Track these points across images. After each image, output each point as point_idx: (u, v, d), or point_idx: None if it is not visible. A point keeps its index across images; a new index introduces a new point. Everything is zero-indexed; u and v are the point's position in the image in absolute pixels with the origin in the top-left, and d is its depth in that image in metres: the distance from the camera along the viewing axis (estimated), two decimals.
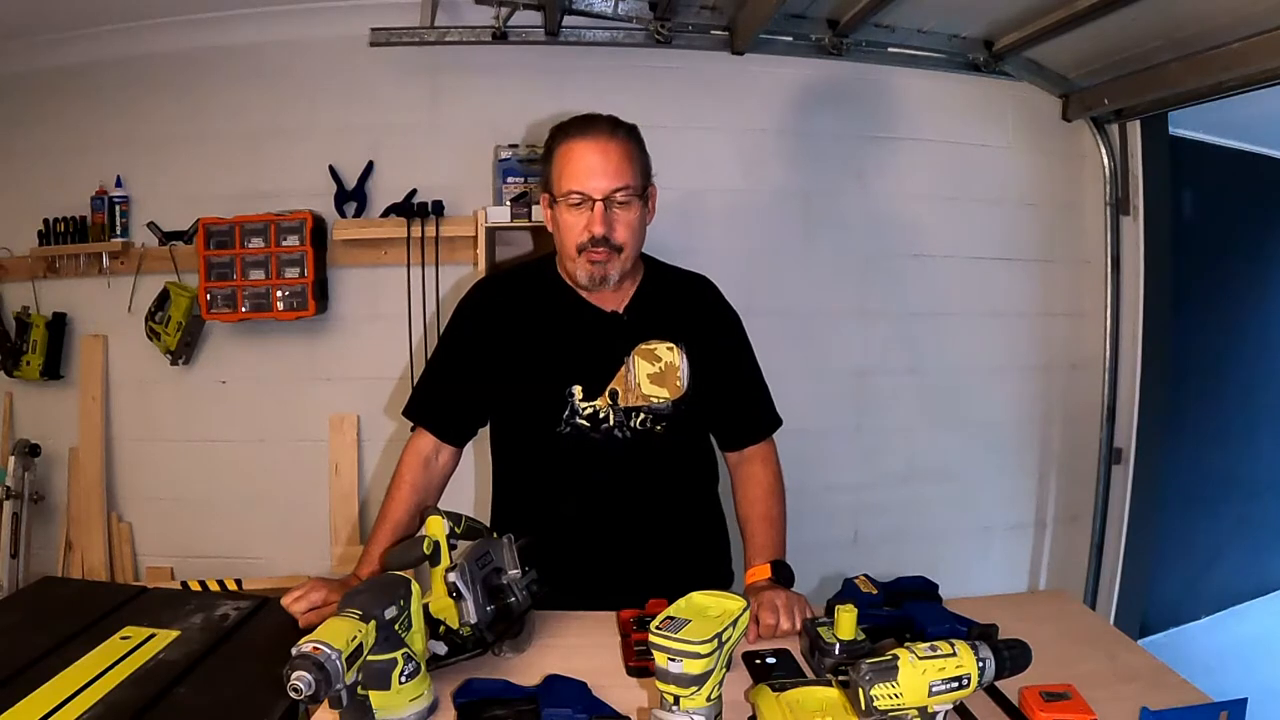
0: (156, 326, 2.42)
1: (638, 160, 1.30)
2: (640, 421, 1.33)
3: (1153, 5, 1.87)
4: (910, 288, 2.57)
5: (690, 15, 2.29)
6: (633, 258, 1.33)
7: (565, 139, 1.29)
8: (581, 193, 1.26)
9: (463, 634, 1.05)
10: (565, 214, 1.29)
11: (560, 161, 1.29)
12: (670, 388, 1.35)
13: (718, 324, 1.44)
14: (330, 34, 2.36)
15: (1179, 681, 1.00)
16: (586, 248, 1.27)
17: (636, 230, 1.30)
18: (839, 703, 0.87)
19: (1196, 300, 2.89)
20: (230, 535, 2.50)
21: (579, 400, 1.32)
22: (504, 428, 1.44)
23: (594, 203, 1.25)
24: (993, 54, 2.40)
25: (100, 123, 2.47)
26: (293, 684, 0.76)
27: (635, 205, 1.29)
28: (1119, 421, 2.61)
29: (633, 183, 1.28)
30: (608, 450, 1.33)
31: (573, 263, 1.31)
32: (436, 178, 2.38)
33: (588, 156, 1.26)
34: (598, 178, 1.25)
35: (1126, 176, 2.56)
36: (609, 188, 1.25)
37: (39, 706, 1.08)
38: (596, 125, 1.28)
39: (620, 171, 1.26)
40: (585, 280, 1.31)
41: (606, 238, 1.26)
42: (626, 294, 1.38)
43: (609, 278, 1.30)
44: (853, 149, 2.52)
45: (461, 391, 1.40)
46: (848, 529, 2.60)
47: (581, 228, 1.27)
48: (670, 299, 1.41)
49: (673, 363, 1.35)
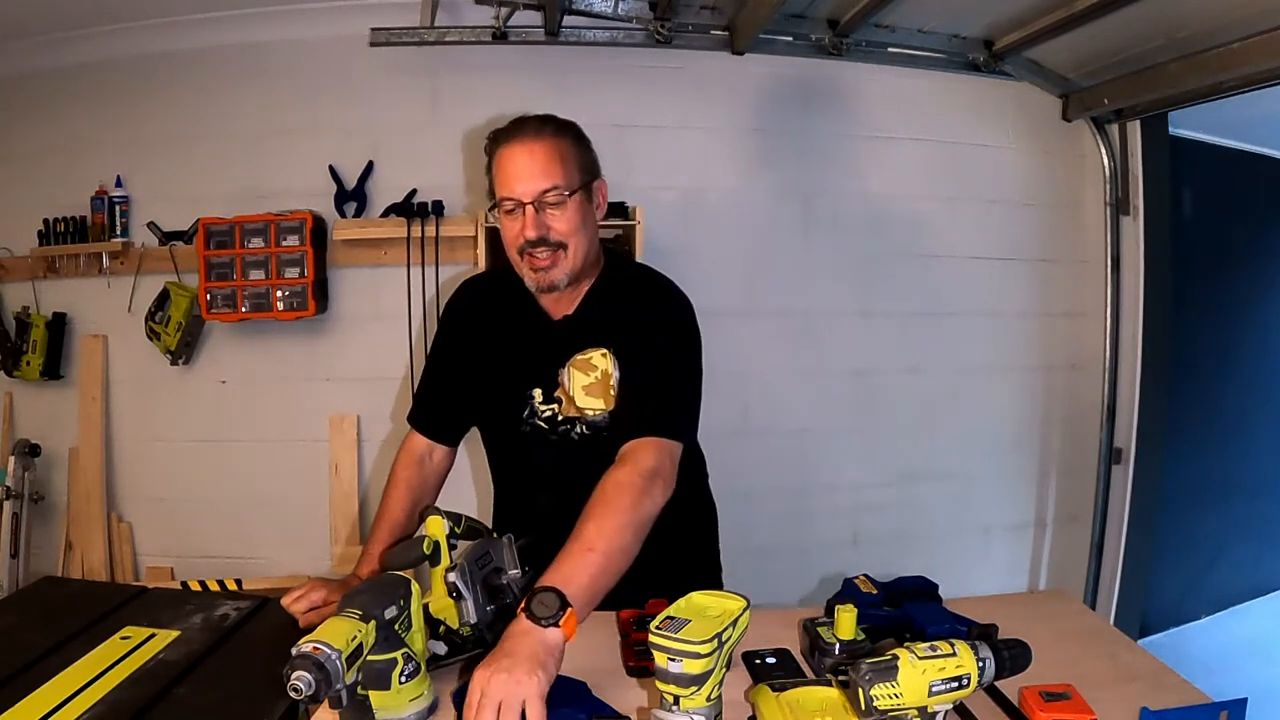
0: (156, 326, 2.42)
1: (571, 157, 1.26)
2: (579, 433, 1.31)
3: (1153, 5, 1.87)
4: (910, 288, 2.57)
5: (690, 15, 2.29)
6: (582, 255, 1.28)
7: (496, 146, 1.27)
8: (512, 198, 1.24)
9: (463, 634, 1.05)
10: (504, 220, 1.27)
11: (495, 169, 1.27)
12: (605, 398, 1.28)
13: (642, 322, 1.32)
14: (330, 34, 2.36)
15: (1179, 681, 1.00)
16: (526, 251, 1.25)
17: (578, 227, 1.26)
18: (839, 703, 0.87)
19: (1196, 300, 2.89)
20: (230, 535, 2.50)
21: (538, 402, 1.33)
22: (482, 426, 1.45)
23: (524, 206, 1.23)
24: (993, 54, 2.40)
25: (100, 123, 2.47)
26: (293, 684, 0.76)
27: (571, 203, 1.25)
28: (1119, 421, 2.61)
29: (562, 181, 1.24)
30: (566, 450, 1.32)
31: (519, 269, 1.29)
32: (436, 178, 2.38)
33: (515, 160, 1.24)
34: (525, 180, 1.23)
35: (1126, 176, 2.56)
36: (537, 189, 1.23)
37: (39, 706, 1.08)
38: (523, 128, 1.26)
39: (548, 172, 1.23)
40: (532, 286, 1.28)
41: (544, 238, 1.23)
42: (574, 301, 1.34)
43: (556, 282, 1.26)
44: (853, 149, 2.52)
45: (446, 390, 1.42)
46: (848, 529, 2.60)
47: (516, 233, 1.25)
48: (613, 300, 1.34)
49: (607, 370, 1.28)
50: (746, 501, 2.51)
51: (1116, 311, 2.59)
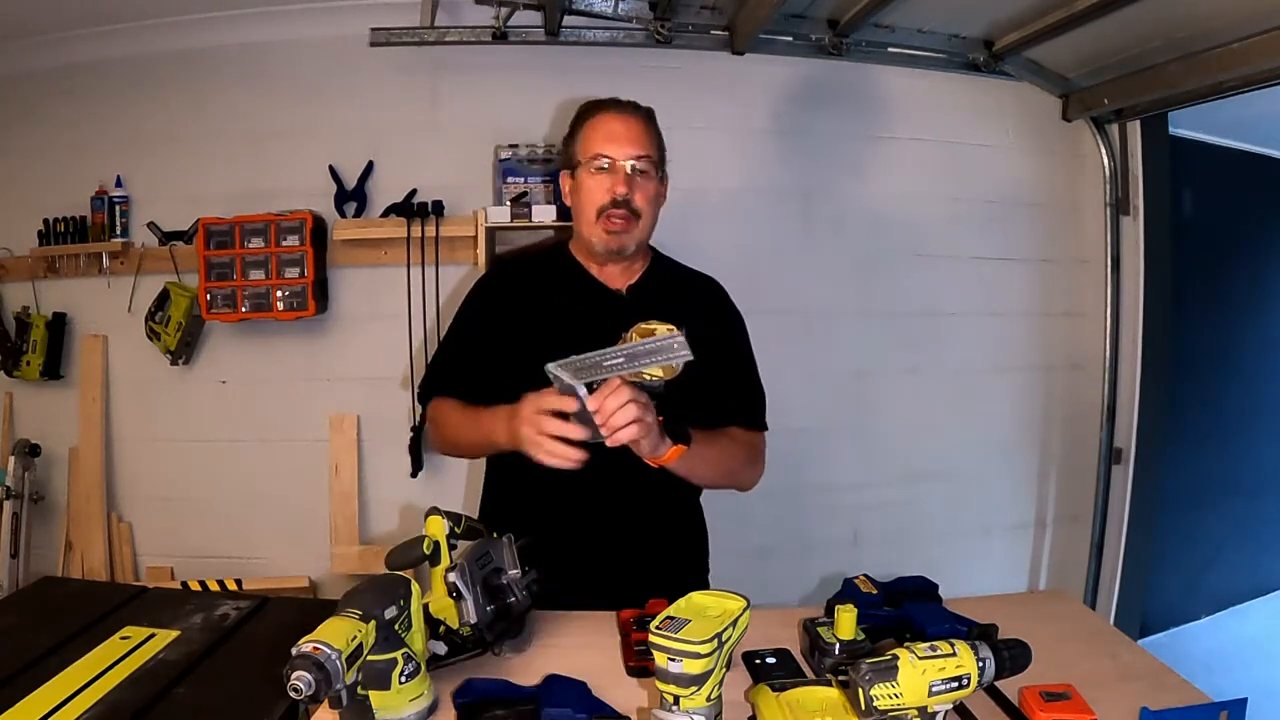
0: (156, 326, 2.42)
1: (657, 140, 1.39)
2: None
3: (1153, 5, 1.87)
4: (910, 288, 2.57)
5: (690, 15, 2.29)
6: (647, 231, 1.38)
7: (592, 113, 1.39)
8: (607, 155, 1.33)
9: (463, 634, 1.05)
10: (588, 180, 1.35)
11: (586, 131, 1.37)
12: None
13: (719, 320, 1.45)
14: (330, 34, 2.36)
15: (1179, 681, 1.00)
16: (607, 210, 1.33)
17: (653, 203, 1.37)
18: (839, 703, 0.87)
19: (1196, 300, 2.89)
20: (230, 535, 2.50)
21: None
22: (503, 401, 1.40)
23: (617, 165, 1.33)
24: (993, 54, 2.40)
25: (100, 123, 2.47)
26: (293, 684, 0.76)
27: (653, 179, 1.36)
28: (1119, 421, 2.61)
29: (653, 155, 1.36)
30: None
31: (590, 229, 1.36)
32: (436, 178, 2.38)
33: (614, 125, 1.35)
34: (624, 145, 1.34)
35: (1126, 176, 2.56)
36: (633, 154, 1.33)
37: (39, 706, 1.08)
38: (622, 102, 1.40)
39: (643, 141, 1.35)
40: (601, 247, 1.35)
41: (628, 200, 1.32)
42: (633, 275, 1.43)
43: (625, 246, 1.35)
44: (853, 149, 2.52)
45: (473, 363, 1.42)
46: (848, 529, 2.59)
47: (604, 190, 1.33)
48: (675, 289, 1.45)
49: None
50: (746, 501, 2.50)
51: (1116, 311, 2.59)
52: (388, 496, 2.47)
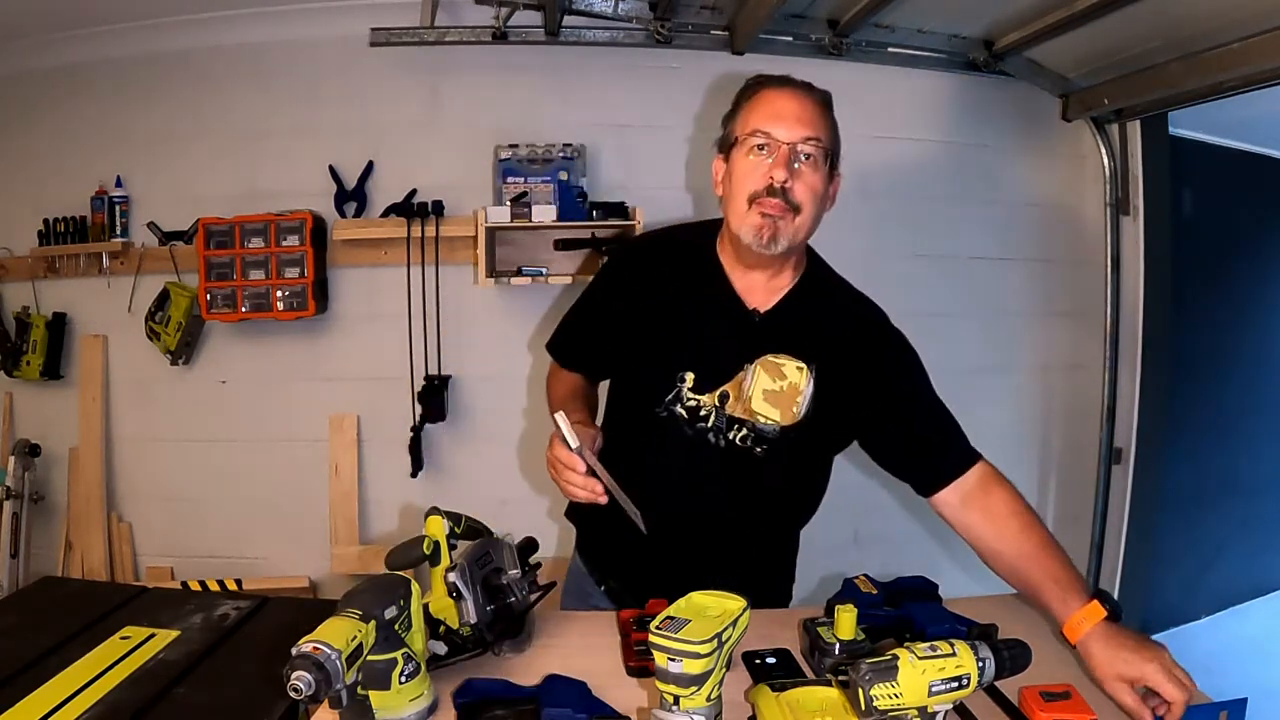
0: (156, 326, 2.42)
1: (832, 125, 1.21)
2: (741, 437, 1.20)
3: (1153, 5, 1.87)
4: (910, 288, 2.56)
5: (690, 15, 2.29)
6: (806, 231, 1.19)
7: (759, 87, 1.21)
8: (767, 133, 1.14)
9: (463, 634, 1.05)
10: (743, 160, 1.17)
11: (748, 107, 1.19)
12: (785, 411, 1.18)
13: (871, 352, 1.25)
14: (330, 34, 2.36)
15: None
16: (761, 196, 1.14)
17: (818, 199, 1.17)
18: (839, 703, 0.87)
19: (1196, 300, 2.89)
20: (230, 535, 2.50)
21: (687, 388, 1.20)
22: (613, 394, 1.36)
23: (779, 146, 1.13)
24: (993, 54, 2.40)
25: (100, 123, 2.48)
26: (293, 684, 0.76)
27: (820, 169, 1.17)
28: (1119, 421, 2.61)
29: (824, 140, 1.17)
30: (696, 451, 1.21)
31: (739, 219, 1.16)
32: (436, 178, 2.38)
33: (781, 101, 1.17)
34: (791, 123, 1.15)
35: (1126, 176, 2.56)
36: (800, 134, 1.14)
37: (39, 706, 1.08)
38: (795, 81, 1.21)
39: (814, 122, 1.16)
40: (751, 237, 1.15)
41: (786, 189, 1.13)
42: (777, 293, 1.24)
43: (778, 239, 1.14)
44: (853, 149, 2.50)
45: (593, 347, 1.36)
46: (848, 529, 2.60)
47: (761, 173, 1.14)
48: (822, 313, 1.26)
49: (796, 384, 1.18)
50: None
51: (1116, 311, 2.58)
52: (388, 496, 2.47)
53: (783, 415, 1.18)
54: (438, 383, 2.38)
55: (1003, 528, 1.19)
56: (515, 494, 2.38)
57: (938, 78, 2.49)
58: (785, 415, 1.18)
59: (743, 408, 1.19)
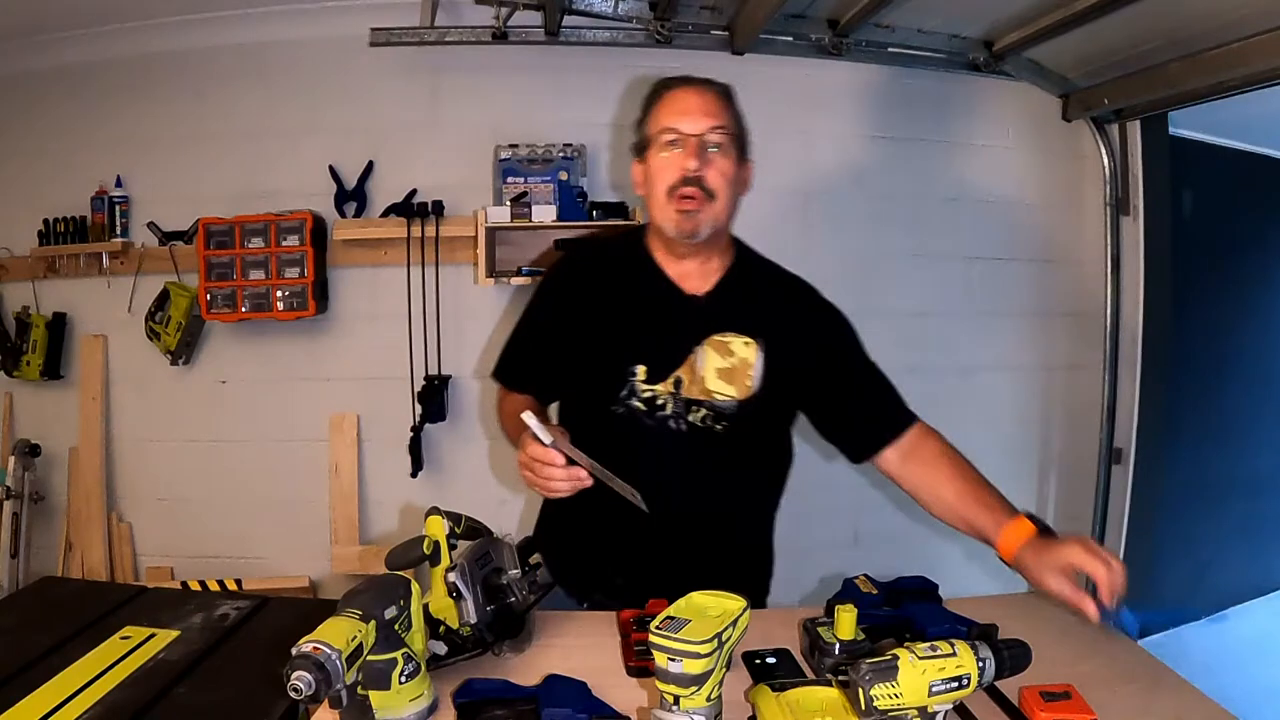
0: (156, 326, 2.42)
1: (736, 117, 1.28)
2: (701, 418, 1.25)
3: (1153, 5, 1.87)
4: (910, 288, 2.57)
5: (690, 15, 2.29)
6: (725, 216, 1.26)
7: (664, 89, 1.28)
8: (675, 129, 1.22)
9: (463, 634, 1.05)
10: (657, 158, 1.24)
11: (656, 109, 1.27)
12: (739, 386, 1.24)
13: (812, 325, 1.32)
14: (330, 34, 2.36)
15: (1179, 681, 1.00)
16: (678, 188, 1.21)
17: (731, 183, 1.24)
18: (839, 703, 0.87)
19: (1196, 300, 2.89)
20: (230, 535, 2.50)
21: (640, 381, 1.25)
22: (567, 399, 1.38)
23: (688, 139, 1.21)
24: (993, 54, 2.40)
25: (100, 123, 2.48)
26: (293, 684, 0.76)
27: (730, 154, 1.24)
28: (1119, 421, 2.61)
29: (729, 127, 1.24)
30: (658, 439, 1.25)
31: (662, 213, 1.24)
32: (436, 178, 2.38)
33: (684, 98, 1.25)
34: (695, 116, 1.22)
35: (1126, 176, 2.56)
36: (705, 126, 1.22)
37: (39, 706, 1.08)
38: (695, 78, 1.28)
39: (718, 112, 1.24)
40: (673, 229, 1.23)
41: (699, 178, 1.20)
42: (711, 277, 1.30)
43: (699, 229, 1.22)
44: (853, 149, 2.52)
45: (539, 357, 1.37)
46: (848, 529, 2.60)
47: (675, 166, 1.22)
48: (758, 292, 1.32)
49: (746, 359, 1.25)
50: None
51: (1116, 311, 2.58)
52: (388, 496, 2.47)
53: (738, 390, 1.24)
54: (438, 383, 2.38)
55: (938, 472, 1.29)
56: (515, 494, 2.38)
57: (938, 78, 2.49)
58: (740, 389, 1.25)
59: (698, 389, 1.24)
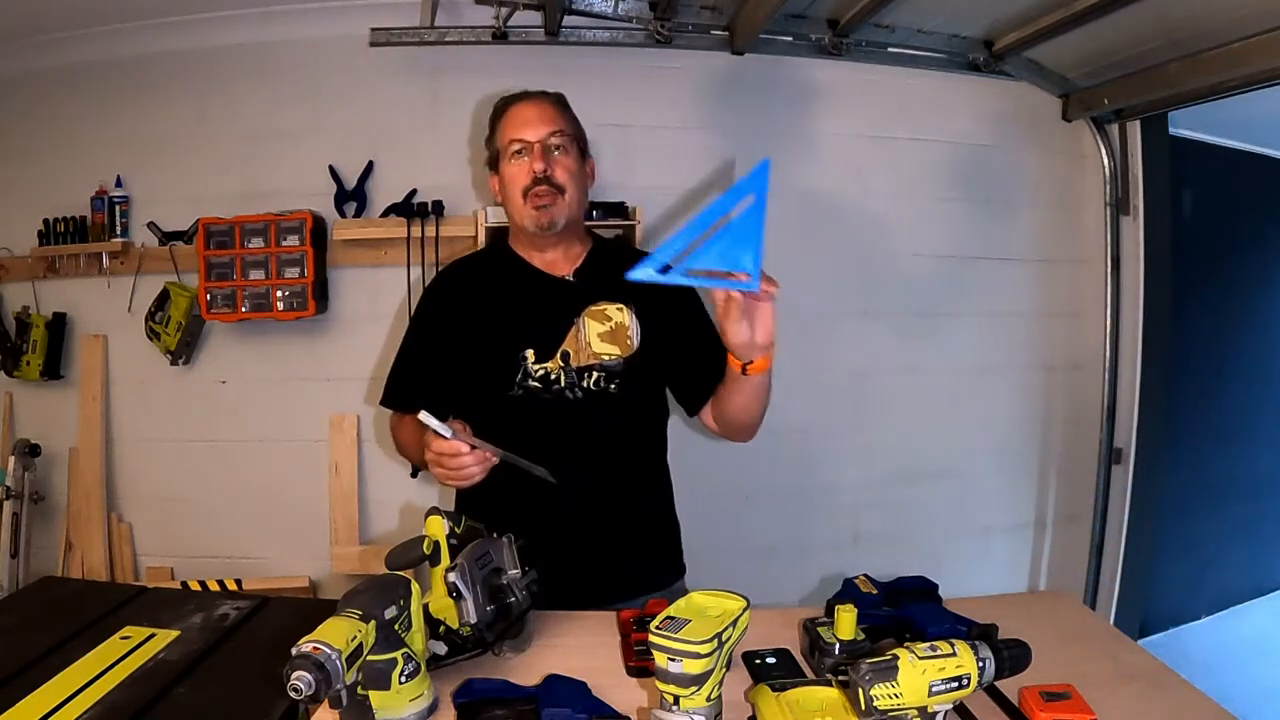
0: (156, 326, 2.42)
1: (571, 120, 1.43)
2: (594, 381, 1.37)
3: (1153, 5, 1.87)
4: (910, 288, 2.57)
5: (690, 15, 2.29)
6: (576, 207, 1.40)
7: (505, 106, 1.44)
8: (520, 138, 1.37)
9: (463, 634, 1.05)
10: (508, 167, 1.39)
11: (501, 125, 1.42)
12: (621, 345, 1.39)
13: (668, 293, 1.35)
14: (330, 34, 2.36)
15: (1179, 681, 1.00)
16: (530, 190, 1.35)
17: (576, 176, 1.40)
18: (839, 703, 0.87)
19: (1196, 300, 2.89)
20: (230, 535, 2.50)
21: (531, 363, 1.37)
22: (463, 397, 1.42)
23: (532, 145, 1.36)
24: (993, 54, 2.40)
25: (100, 123, 2.47)
26: (293, 684, 0.76)
27: (571, 152, 1.39)
28: (1119, 421, 2.61)
29: (568, 130, 1.40)
30: (559, 411, 1.36)
31: (520, 214, 1.38)
32: (436, 178, 2.38)
33: (523, 111, 1.40)
34: (535, 125, 1.38)
35: (1126, 176, 2.56)
36: (545, 132, 1.37)
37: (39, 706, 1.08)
38: (530, 93, 1.45)
39: (554, 118, 1.40)
40: (532, 225, 1.37)
41: (548, 176, 1.35)
42: (575, 260, 1.45)
43: (555, 221, 1.36)
44: (853, 149, 2.52)
45: (428, 368, 1.45)
46: (848, 529, 2.59)
47: (525, 171, 1.36)
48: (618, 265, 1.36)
49: (623, 322, 1.40)
50: (747, 501, 2.51)
51: (1116, 311, 2.59)
52: (388, 496, 2.47)
53: (621, 348, 1.39)
54: None
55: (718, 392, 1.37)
56: None
57: (938, 78, 2.49)
58: (623, 348, 1.39)
59: (587, 354, 1.38)
